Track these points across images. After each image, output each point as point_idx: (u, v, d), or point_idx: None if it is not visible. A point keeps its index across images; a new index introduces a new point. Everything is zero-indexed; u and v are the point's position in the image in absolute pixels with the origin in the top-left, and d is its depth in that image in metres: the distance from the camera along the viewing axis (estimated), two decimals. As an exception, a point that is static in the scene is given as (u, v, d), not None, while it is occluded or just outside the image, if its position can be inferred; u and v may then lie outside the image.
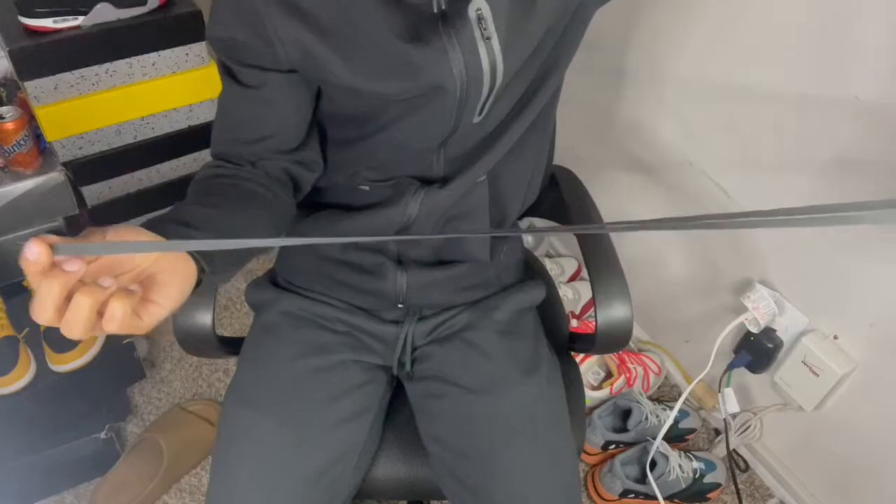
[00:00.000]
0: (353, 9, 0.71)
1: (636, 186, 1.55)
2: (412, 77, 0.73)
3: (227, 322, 1.75)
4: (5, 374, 1.25)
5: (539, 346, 0.95)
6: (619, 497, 1.42)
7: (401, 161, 0.83)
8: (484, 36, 0.72)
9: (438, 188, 0.84)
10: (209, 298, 0.89)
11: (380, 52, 0.72)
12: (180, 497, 1.43)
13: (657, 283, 1.59)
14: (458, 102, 0.75)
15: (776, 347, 1.32)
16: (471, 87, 0.74)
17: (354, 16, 0.71)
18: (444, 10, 0.71)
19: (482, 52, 0.73)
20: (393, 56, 0.72)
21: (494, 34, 0.72)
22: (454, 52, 0.72)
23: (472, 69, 0.73)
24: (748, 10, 1.17)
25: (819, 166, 1.15)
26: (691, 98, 1.34)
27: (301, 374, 0.88)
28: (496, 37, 0.72)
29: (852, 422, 1.27)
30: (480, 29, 0.72)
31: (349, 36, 0.72)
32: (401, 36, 0.71)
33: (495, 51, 0.73)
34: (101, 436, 1.39)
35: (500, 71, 0.74)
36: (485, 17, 0.72)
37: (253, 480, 0.82)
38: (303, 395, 0.87)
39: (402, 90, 0.74)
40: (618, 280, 0.92)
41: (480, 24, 0.72)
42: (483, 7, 0.71)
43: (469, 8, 0.71)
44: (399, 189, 0.85)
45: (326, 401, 0.87)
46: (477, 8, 0.71)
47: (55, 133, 1.47)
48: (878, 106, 1.04)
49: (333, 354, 0.90)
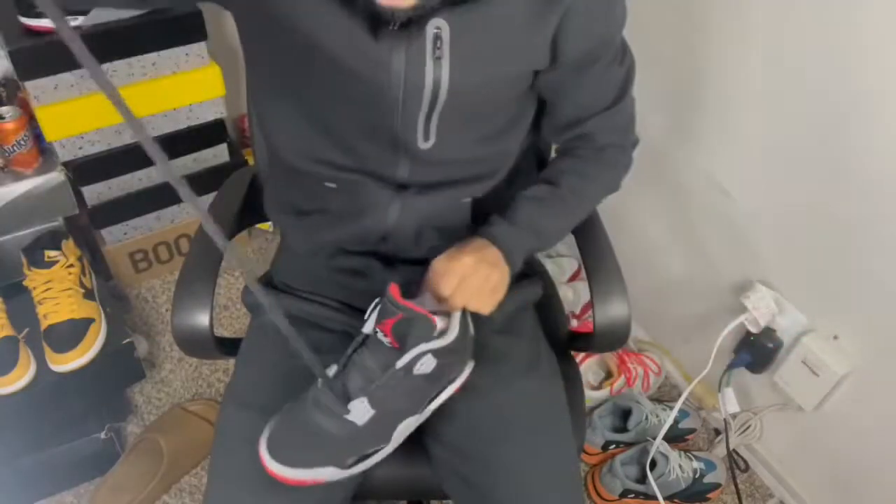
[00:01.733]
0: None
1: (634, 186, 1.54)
2: (351, 54, 0.75)
3: (227, 322, 1.75)
4: (5, 374, 1.25)
5: (538, 344, 0.95)
6: (619, 497, 1.42)
7: (356, 148, 0.84)
8: (435, 55, 0.74)
9: (415, 193, 0.86)
10: (207, 299, 0.89)
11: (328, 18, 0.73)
12: (180, 497, 1.43)
13: (657, 284, 1.59)
14: (395, 104, 0.77)
15: (776, 347, 1.32)
16: (408, 95, 0.77)
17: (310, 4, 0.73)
18: (409, 17, 0.72)
19: (428, 66, 0.75)
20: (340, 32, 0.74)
21: (447, 56, 0.74)
22: (398, 54, 0.74)
23: (413, 77, 0.75)
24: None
25: (820, 166, 1.15)
26: (691, 97, 1.34)
27: (298, 375, 0.88)
28: (448, 58, 0.74)
29: (852, 422, 1.27)
30: (434, 46, 0.74)
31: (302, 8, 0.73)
32: (354, 23, 0.73)
33: (443, 70, 0.75)
34: (101, 436, 1.39)
35: (443, 91, 0.76)
36: (442, 38, 0.73)
37: (250, 482, 0.81)
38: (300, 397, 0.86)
39: (336, 53, 0.75)
40: (615, 277, 0.93)
41: (436, 41, 0.73)
42: (443, 27, 0.73)
43: (428, 24, 0.72)
44: (370, 190, 0.86)
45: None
46: (436, 26, 0.73)
47: (55, 133, 1.47)
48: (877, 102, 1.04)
49: (330, 354, 0.90)
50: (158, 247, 1.78)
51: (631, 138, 0.95)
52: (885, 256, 1.11)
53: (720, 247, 1.42)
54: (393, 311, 0.76)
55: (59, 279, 1.33)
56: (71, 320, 1.31)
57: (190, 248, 0.96)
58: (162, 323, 1.73)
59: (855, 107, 1.07)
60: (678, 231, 1.51)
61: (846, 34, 1.04)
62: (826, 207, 1.17)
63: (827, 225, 1.18)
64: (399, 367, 0.76)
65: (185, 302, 0.88)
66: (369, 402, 0.77)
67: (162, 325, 1.73)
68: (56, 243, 1.36)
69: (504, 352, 0.91)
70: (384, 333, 0.77)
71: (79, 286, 1.36)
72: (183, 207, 1.76)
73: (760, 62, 1.18)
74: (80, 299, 1.34)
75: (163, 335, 1.71)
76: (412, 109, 0.79)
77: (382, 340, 0.78)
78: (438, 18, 0.72)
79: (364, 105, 0.80)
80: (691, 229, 1.47)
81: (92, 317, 1.35)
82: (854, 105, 1.07)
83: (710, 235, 1.43)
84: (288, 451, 0.78)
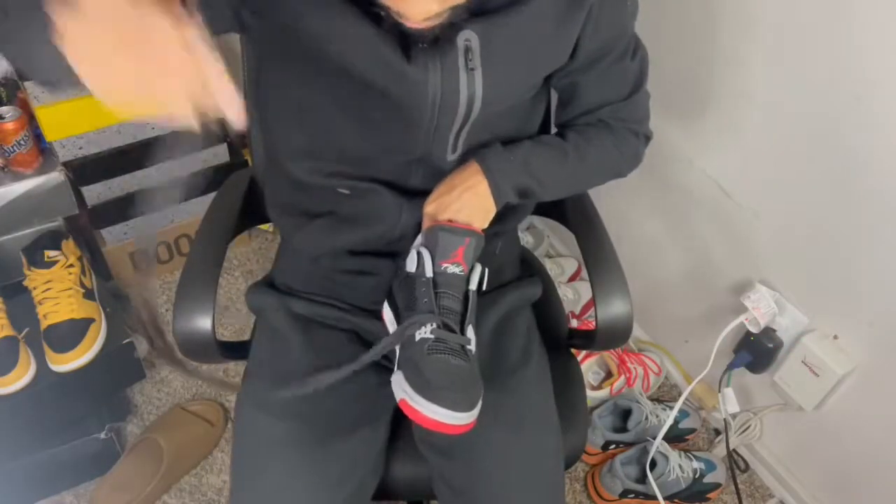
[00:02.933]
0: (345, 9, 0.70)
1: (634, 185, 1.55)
2: (385, 76, 0.73)
3: (227, 322, 1.75)
4: (5, 374, 1.25)
5: (530, 344, 0.95)
6: (619, 497, 1.42)
7: (369, 159, 0.83)
8: (468, 66, 0.73)
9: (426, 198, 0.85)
10: (209, 304, 0.88)
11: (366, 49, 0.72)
12: (180, 497, 1.43)
13: (657, 283, 1.59)
14: (428, 122, 0.77)
15: (776, 347, 1.32)
16: (443, 112, 0.76)
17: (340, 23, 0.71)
18: (436, 34, 0.71)
19: (462, 80, 0.74)
20: (376, 57, 0.72)
21: (479, 67, 0.74)
22: (434, 72, 0.73)
23: (449, 92, 0.74)
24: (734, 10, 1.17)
25: (820, 166, 1.15)
26: (692, 97, 1.34)
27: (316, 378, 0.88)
28: (480, 69, 0.74)
29: (852, 422, 1.27)
30: (466, 59, 0.73)
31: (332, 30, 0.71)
32: (386, 42, 0.71)
33: (476, 83, 0.74)
34: (101, 436, 1.39)
35: (478, 104, 0.76)
36: (472, 49, 0.73)
37: (280, 487, 0.81)
38: (319, 400, 0.85)
39: (369, 76, 0.74)
40: (616, 275, 0.93)
41: (467, 54, 0.73)
42: (472, 38, 0.72)
43: (458, 36, 0.72)
44: (382, 198, 0.85)
45: (342, 405, 0.87)
46: (466, 38, 0.72)
47: (55, 133, 1.47)
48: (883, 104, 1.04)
49: (339, 353, 0.90)
50: (158, 247, 1.78)
51: (644, 129, 0.94)
52: (886, 256, 1.11)
53: (720, 247, 1.42)
54: (458, 240, 0.79)
55: (59, 279, 1.33)
56: (71, 320, 1.31)
57: (190, 251, 0.95)
58: (162, 323, 1.73)
59: (856, 107, 1.07)
60: (678, 231, 1.51)
61: (847, 34, 1.04)
62: (826, 207, 1.17)
63: (827, 225, 1.18)
64: (472, 287, 0.82)
65: (186, 306, 0.88)
66: (472, 327, 0.81)
67: (162, 325, 1.73)
68: (56, 243, 1.36)
69: (493, 352, 0.91)
70: (457, 263, 0.79)
71: (79, 286, 1.36)
72: (183, 207, 1.76)
73: (761, 62, 1.18)
74: (80, 299, 1.34)
75: (162, 335, 1.70)
76: (445, 125, 0.78)
77: (455, 271, 0.79)
78: (467, 31, 0.72)
79: (390, 125, 0.79)
80: (691, 229, 1.47)
81: (92, 317, 1.35)
82: (855, 105, 1.07)
83: (711, 235, 1.43)
84: (449, 396, 0.75)
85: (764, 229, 1.30)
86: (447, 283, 0.79)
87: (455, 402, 0.74)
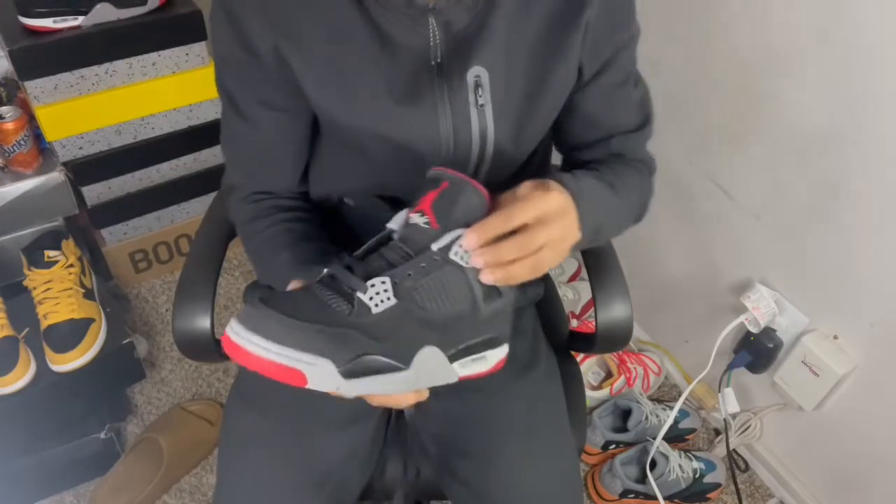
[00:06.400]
0: (348, 50, 0.70)
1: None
2: (395, 131, 0.73)
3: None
4: (5, 374, 1.25)
5: (537, 344, 0.95)
6: (619, 497, 1.42)
7: (382, 183, 0.83)
8: (478, 103, 0.72)
9: None
10: (208, 303, 0.88)
11: (369, 97, 0.71)
12: (180, 497, 1.43)
13: (657, 284, 1.59)
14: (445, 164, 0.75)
15: (776, 347, 1.32)
16: (458, 152, 0.75)
17: (349, 58, 0.70)
18: (440, 63, 0.71)
19: (473, 118, 0.73)
20: (381, 110, 0.72)
21: (489, 102, 0.73)
22: (445, 114, 0.72)
23: (461, 133, 0.73)
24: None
25: (820, 166, 1.15)
26: (692, 98, 1.34)
27: None
28: (490, 105, 0.73)
29: (852, 422, 1.27)
30: (476, 95, 0.72)
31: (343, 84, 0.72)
32: (392, 91, 0.71)
33: (487, 118, 0.73)
34: (101, 436, 1.39)
35: (491, 140, 0.74)
36: (482, 85, 0.72)
37: (260, 484, 0.81)
38: (306, 397, 0.86)
39: (381, 137, 0.73)
40: (617, 279, 0.92)
41: (477, 90, 0.72)
42: (482, 74, 0.71)
43: (468, 72, 0.71)
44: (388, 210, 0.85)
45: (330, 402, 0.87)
46: (476, 74, 0.71)
47: (55, 133, 1.47)
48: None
49: None
50: (158, 247, 1.78)
51: (653, 166, 0.90)
52: (886, 256, 1.11)
53: (720, 247, 1.42)
54: (430, 185, 0.62)
55: (59, 279, 1.33)
56: (71, 320, 1.31)
57: (190, 251, 0.95)
58: (162, 323, 1.73)
59: (856, 108, 1.07)
60: (678, 231, 1.51)
61: (848, 35, 1.04)
62: (826, 207, 1.17)
63: (827, 225, 1.18)
64: (436, 248, 0.61)
65: (186, 306, 0.88)
66: (392, 287, 0.61)
67: (162, 325, 1.73)
68: (56, 243, 1.36)
69: None
70: (422, 212, 0.62)
71: (79, 286, 1.36)
72: (183, 207, 1.76)
73: (762, 62, 1.18)
74: (80, 299, 1.34)
75: (163, 335, 1.71)
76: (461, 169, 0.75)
77: (418, 222, 0.62)
78: (477, 66, 0.71)
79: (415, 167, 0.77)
80: (692, 229, 1.47)
81: (92, 317, 1.35)
82: (855, 106, 1.07)
83: (711, 235, 1.43)
84: (269, 322, 0.59)
85: (764, 229, 1.30)
86: (403, 238, 0.63)
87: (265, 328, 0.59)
